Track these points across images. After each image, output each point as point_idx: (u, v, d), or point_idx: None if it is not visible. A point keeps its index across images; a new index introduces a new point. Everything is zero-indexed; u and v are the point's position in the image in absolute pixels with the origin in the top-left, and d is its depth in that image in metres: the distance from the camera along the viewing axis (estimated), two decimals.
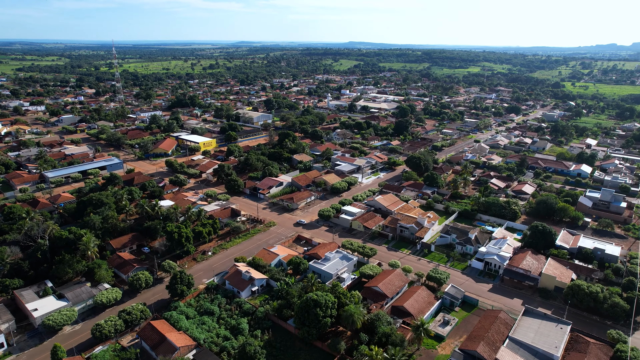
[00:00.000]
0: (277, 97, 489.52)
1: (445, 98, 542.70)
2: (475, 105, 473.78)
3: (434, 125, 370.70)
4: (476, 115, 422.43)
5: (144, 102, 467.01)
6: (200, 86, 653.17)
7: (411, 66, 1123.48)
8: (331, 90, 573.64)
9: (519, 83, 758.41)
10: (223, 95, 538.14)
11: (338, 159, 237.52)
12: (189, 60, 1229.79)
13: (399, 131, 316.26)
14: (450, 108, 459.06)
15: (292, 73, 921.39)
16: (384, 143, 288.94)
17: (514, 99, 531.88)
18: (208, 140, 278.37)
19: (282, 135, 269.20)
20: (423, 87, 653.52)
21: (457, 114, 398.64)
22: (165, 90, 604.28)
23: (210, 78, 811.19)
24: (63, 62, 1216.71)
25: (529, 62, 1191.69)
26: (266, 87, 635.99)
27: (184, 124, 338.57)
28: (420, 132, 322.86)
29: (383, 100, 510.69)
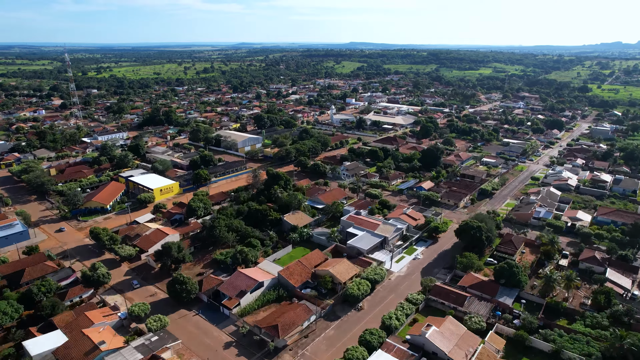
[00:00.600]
0: (271, 109, 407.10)
1: (467, 107, 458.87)
2: (506, 117, 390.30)
3: (466, 148, 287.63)
4: (512, 132, 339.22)
5: (113, 117, 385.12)
6: (187, 94, 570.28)
7: (418, 68, 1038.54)
8: (334, 100, 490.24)
9: (540, 86, 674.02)
10: (210, 107, 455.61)
11: (352, 224, 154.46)
12: (183, 63, 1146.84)
13: (428, 163, 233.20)
14: (476, 121, 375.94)
15: (291, 77, 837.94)
16: (412, 185, 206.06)
17: (547, 108, 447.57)
18: (167, 185, 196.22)
19: (271, 178, 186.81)
20: (438, 93, 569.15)
21: (492, 133, 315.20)
22: (147, 100, 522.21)
23: (201, 84, 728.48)
24: (52, 66, 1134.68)
25: (542, 63, 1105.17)
26: (261, 95, 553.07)
27: (148, 153, 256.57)
28: (455, 163, 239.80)
29: (396, 111, 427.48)
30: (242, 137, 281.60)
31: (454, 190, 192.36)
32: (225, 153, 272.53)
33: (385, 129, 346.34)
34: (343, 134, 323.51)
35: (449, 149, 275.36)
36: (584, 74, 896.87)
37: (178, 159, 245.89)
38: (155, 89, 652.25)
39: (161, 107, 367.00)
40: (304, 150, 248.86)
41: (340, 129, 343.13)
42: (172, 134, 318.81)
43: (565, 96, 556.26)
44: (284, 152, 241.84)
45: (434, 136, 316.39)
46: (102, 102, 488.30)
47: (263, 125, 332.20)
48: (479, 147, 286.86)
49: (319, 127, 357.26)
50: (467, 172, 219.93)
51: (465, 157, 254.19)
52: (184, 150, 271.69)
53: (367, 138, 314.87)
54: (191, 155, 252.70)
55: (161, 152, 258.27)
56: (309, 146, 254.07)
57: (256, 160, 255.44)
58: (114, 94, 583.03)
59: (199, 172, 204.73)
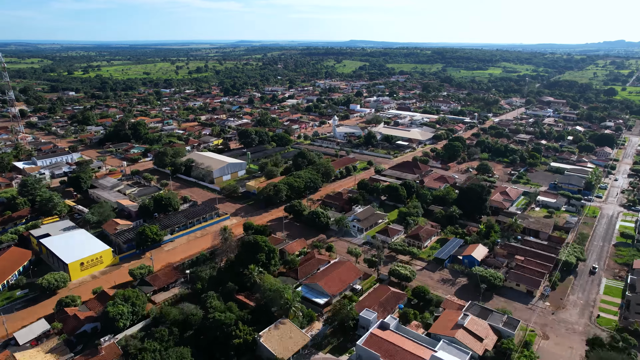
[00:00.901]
0: (263, 119, 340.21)
1: (490, 116, 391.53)
2: (541, 130, 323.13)
3: (508, 178, 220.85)
4: (554, 150, 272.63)
5: (74, 130, 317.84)
6: (171, 99, 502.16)
7: (423, 67, 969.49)
8: (337, 107, 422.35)
9: (561, 89, 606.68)
10: (193, 115, 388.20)
11: (376, 358, 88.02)
12: (176, 62, 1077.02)
13: (469, 207, 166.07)
14: (506, 135, 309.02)
15: (289, 77, 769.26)
16: (454, 248, 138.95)
17: (583, 117, 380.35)
18: (93, 256, 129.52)
19: (246, 249, 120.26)
20: (453, 98, 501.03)
21: (534, 154, 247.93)
22: (124, 104, 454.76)
23: (191, 85, 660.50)
24: (40, 65, 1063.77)
25: (553, 62, 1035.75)
26: (254, 99, 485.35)
27: (92, 188, 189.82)
28: (504, 206, 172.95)
29: (408, 121, 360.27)
30: (220, 163, 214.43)
31: (523, 266, 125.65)
32: (197, 185, 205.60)
33: (399, 146, 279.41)
34: (349, 154, 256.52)
35: (489, 181, 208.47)
36: (601, 74, 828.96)
37: (129, 198, 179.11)
38: (139, 91, 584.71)
39: (127, 119, 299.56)
40: (298, 187, 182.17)
41: (345, 147, 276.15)
42: (136, 154, 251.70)
43: (593, 100, 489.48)
44: (272, 190, 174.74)
45: (462, 158, 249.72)
46: (71, 109, 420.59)
47: (250, 143, 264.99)
48: (523, 175, 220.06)
49: (319, 142, 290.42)
50: (529, 225, 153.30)
51: (514, 194, 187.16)
52: (143, 181, 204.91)
53: (380, 160, 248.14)
54: (148, 192, 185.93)
55: (110, 187, 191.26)
56: (306, 180, 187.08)
57: (235, 199, 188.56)
58: (92, 97, 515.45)
59: (145, 229, 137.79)
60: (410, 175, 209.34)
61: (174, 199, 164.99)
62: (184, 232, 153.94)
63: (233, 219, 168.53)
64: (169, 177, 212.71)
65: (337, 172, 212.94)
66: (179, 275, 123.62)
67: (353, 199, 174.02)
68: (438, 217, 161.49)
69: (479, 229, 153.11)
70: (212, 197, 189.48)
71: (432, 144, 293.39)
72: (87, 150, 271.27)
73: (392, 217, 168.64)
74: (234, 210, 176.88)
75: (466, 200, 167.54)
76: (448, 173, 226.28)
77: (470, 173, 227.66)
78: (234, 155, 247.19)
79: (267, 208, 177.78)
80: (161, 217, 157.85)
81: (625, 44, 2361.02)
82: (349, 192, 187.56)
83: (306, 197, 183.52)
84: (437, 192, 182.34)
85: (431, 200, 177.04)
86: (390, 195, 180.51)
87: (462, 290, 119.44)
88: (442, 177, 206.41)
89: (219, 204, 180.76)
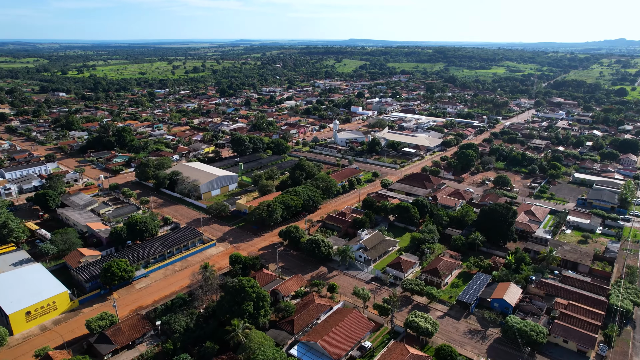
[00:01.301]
0: (259, 123, 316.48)
1: (500, 119, 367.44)
2: (557, 135, 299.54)
3: (527, 192, 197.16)
4: (575, 158, 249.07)
5: (55, 135, 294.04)
6: (164, 101, 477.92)
7: (424, 66, 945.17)
8: (337, 110, 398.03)
9: (568, 89, 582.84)
10: (185, 118, 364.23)
11: None
12: (174, 61, 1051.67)
13: (492, 231, 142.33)
14: (519, 140, 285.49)
15: (287, 77, 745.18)
16: (480, 287, 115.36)
17: (598, 120, 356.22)
18: (44, 302, 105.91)
19: (230, 297, 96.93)
20: (459, 99, 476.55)
21: (555, 163, 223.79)
22: (114, 107, 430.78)
23: (187, 85, 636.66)
24: (35, 64, 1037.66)
25: (556, 61, 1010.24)
26: (251, 101, 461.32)
27: (61, 207, 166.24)
28: (530, 229, 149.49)
29: (414, 124, 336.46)
30: (208, 176, 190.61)
31: (568, 314, 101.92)
32: (182, 202, 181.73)
33: (406, 153, 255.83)
34: (351, 164, 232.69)
35: (510, 196, 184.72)
36: (607, 73, 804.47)
37: (102, 220, 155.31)
38: (132, 92, 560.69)
39: (110, 125, 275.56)
40: (295, 206, 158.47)
41: (347, 154, 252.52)
42: (118, 164, 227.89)
43: (604, 101, 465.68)
44: (265, 211, 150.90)
45: (476, 168, 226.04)
46: (58, 111, 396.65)
47: (243, 151, 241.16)
48: (546, 189, 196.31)
49: (318, 150, 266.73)
50: (565, 255, 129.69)
51: (540, 214, 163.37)
52: (122, 197, 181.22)
53: (385, 171, 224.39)
54: (124, 213, 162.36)
55: (83, 205, 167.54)
56: (304, 197, 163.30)
57: (224, 219, 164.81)
58: (82, 99, 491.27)
59: (112, 265, 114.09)
60: (422, 190, 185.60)
61: (150, 223, 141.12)
62: (161, 264, 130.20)
63: (220, 245, 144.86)
64: (152, 192, 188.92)
65: (340, 186, 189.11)
66: (148, 328, 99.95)
67: (358, 221, 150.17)
68: (457, 244, 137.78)
69: (507, 260, 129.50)
70: (197, 217, 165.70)
71: (440, 151, 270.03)
72: (67, 159, 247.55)
73: (404, 243, 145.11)
74: (222, 233, 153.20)
75: (488, 222, 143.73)
76: (462, 186, 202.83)
77: (487, 186, 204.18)
78: (226, 165, 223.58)
79: (260, 231, 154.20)
80: (135, 246, 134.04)
81: (626, 43, 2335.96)
82: (353, 211, 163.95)
83: (304, 217, 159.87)
84: (453, 212, 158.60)
85: (447, 222, 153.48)
86: (400, 216, 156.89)
87: (496, 350, 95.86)
88: (456, 192, 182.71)
89: (205, 226, 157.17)
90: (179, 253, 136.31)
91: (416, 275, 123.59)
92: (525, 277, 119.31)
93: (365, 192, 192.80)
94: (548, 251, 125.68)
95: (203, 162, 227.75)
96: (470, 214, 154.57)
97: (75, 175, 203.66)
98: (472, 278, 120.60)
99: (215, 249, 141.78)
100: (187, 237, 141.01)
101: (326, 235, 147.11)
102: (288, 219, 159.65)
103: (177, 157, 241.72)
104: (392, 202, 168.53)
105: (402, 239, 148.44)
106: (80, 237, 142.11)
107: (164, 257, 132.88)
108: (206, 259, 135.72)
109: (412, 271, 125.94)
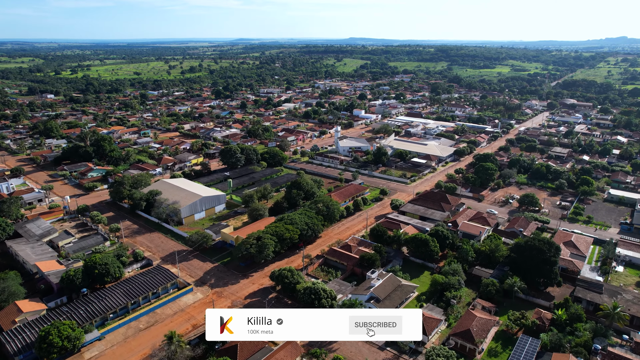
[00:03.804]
0: (254, 129, 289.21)
1: (513, 123, 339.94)
2: (578, 141, 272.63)
3: (559, 211, 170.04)
4: (604, 169, 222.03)
5: (30, 144, 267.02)
6: (156, 103, 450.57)
7: (427, 66, 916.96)
8: (338, 113, 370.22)
9: (578, 89, 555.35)
10: (176, 123, 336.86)
11: None
12: (171, 61, 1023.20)
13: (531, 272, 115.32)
14: (538, 149, 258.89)
15: (286, 77, 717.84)
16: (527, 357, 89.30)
17: (620, 125, 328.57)
18: None
19: None
20: (467, 101, 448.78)
21: (587, 178, 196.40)
22: (103, 110, 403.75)
23: (182, 86, 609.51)
24: (29, 64, 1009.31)
25: (561, 60, 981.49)
26: (247, 103, 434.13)
27: (13, 238, 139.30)
28: (574, 267, 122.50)
29: (421, 130, 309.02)
30: (191, 197, 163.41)
31: None
32: (160, 228, 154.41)
33: (415, 164, 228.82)
34: (355, 178, 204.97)
35: (541, 220, 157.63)
36: (615, 72, 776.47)
37: (57, 257, 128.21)
38: (125, 94, 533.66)
39: (88, 134, 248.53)
40: (291, 238, 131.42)
41: (351, 166, 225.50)
42: (93, 180, 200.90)
43: (619, 102, 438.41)
44: (255, 245, 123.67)
45: (496, 183, 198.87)
46: (40, 115, 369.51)
47: (234, 164, 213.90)
48: (581, 210, 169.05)
49: (319, 160, 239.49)
50: (629, 309, 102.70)
51: (583, 246, 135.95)
52: (90, 222, 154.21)
53: (394, 187, 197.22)
54: (88, 245, 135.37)
55: (39, 234, 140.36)
56: (301, 226, 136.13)
57: (206, 253, 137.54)
58: (70, 101, 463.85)
59: (51, 332, 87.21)
60: (439, 212, 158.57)
61: (113, 265, 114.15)
62: (122, 320, 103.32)
63: (198, 290, 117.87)
64: (126, 215, 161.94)
65: (343, 207, 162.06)
66: None
67: (367, 258, 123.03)
68: (490, 291, 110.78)
69: (555, 315, 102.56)
70: (176, 248, 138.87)
71: (453, 161, 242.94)
72: (38, 172, 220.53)
73: (423, 285, 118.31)
74: (202, 273, 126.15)
75: (525, 261, 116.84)
76: (483, 206, 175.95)
77: (511, 205, 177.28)
78: (214, 181, 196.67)
79: (248, 270, 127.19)
80: (91, 297, 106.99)
81: (627, 41, 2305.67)
82: (360, 242, 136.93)
83: (301, 251, 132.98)
84: (480, 245, 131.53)
85: (473, 259, 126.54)
86: (417, 250, 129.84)
87: None
88: (479, 216, 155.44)
89: (183, 263, 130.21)
90: (146, 303, 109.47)
91: (443, 338, 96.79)
92: (584, 341, 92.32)
93: (373, 214, 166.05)
94: (611, 308, 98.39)
95: (189, 177, 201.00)
96: (501, 247, 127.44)
97: (39, 195, 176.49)
98: (514, 344, 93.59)
99: (192, 296, 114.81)
100: (157, 282, 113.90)
101: (328, 277, 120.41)
102: (282, 254, 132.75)
103: (160, 171, 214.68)
104: (406, 230, 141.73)
105: (420, 280, 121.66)
106: (28, 281, 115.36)
107: (127, 311, 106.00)
108: (179, 310, 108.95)
109: (436, 331, 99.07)
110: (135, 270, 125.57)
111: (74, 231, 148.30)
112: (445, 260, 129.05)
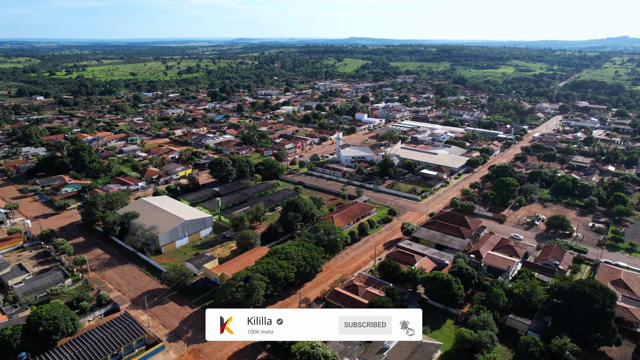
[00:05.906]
0: (249, 135, 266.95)
1: (526, 128, 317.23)
2: (600, 149, 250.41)
3: (594, 235, 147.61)
4: (632, 182, 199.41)
5: (4, 153, 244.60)
6: (148, 106, 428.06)
7: (429, 66, 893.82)
8: (340, 117, 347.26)
9: (586, 90, 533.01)
10: (166, 128, 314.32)
11: None
12: (169, 61, 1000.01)
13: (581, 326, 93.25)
14: (557, 158, 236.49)
15: (286, 78, 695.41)
16: None
17: None
18: None
19: None
20: (474, 103, 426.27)
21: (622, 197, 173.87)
22: (91, 113, 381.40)
23: (177, 88, 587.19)
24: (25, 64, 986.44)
25: (566, 60, 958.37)
26: (244, 106, 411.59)
27: None
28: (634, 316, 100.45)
29: (429, 136, 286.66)
30: (172, 220, 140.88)
31: None
32: (135, 259, 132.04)
33: (425, 177, 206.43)
34: (360, 195, 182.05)
35: (578, 249, 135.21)
36: (623, 72, 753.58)
37: (3, 304, 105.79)
38: (118, 96, 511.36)
39: (64, 143, 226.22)
40: (285, 277, 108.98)
41: (354, 178, 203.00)
42: (67, 196, 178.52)
43: (633, 105, 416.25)
44: (242, 289, 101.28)
45: (518, 200, 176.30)
46: (24, 120, 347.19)
47: (225, 177, 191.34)
48: (620, 235, 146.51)
49: (319, 172, 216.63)
50: None
51: (636, 285, 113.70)
52: (54, 252, 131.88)
53: (403, 204, 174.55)
54: (43, 285, 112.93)
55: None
56: (298, 262, 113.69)
57: (185, 293, 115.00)
58: (60, 103, 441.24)
59: None
60: (458, 240, 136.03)
61: (64, 318, 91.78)
62: None
63: (171, 348, 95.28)
64: (101, 239, 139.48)
65: (347, 235, 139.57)
66: None
67: (377, 305, 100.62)
68: (533, 353, 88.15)
69: None
70: (150, 287, 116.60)
71: (466, 172, 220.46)
72: (8, 186, 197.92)
73: (446, 342, 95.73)
74: (178, 322, 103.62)
75: (571, 311, 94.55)
76: (505, 228, 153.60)
77: (537, 228, 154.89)
78: (202, 198, 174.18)
79: None
80: None
81: (629, 40, 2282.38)
82: (368, 280, 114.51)
83: (298, 292, 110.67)
84: (512, 286, 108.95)
85: (505, 304, 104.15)
86: (437, 293, 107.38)
87: None
88: (505, 244, 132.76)
89: (156, 307, 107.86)
90: None
91: None
92: None
93: (381, 241, 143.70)
94: None
95: (174, 192, 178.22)
96: (538, 289, 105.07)
97: (1, 215, 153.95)
98: None
99: (162, 357, 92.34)
100: (120, 339, 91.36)
101: None
102: (275, 296, 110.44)
103: (143, 185, 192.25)
104: (421, 263, 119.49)
105: (442, 332, 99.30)
106: None
107: None
108: None
109: None
110: (97, 319, 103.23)
111: (31, 264, 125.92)
112: (470, 304, 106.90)
